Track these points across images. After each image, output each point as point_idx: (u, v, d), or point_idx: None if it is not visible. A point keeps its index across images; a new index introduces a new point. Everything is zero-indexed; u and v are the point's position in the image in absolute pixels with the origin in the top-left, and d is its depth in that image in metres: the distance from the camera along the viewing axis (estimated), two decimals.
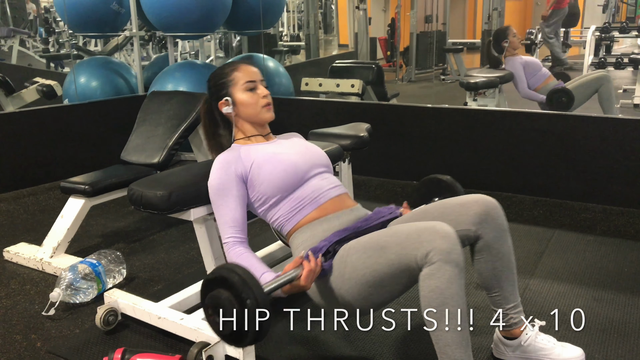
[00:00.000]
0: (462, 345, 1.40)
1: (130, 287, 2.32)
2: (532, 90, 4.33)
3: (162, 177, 1.96)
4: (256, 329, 1.34)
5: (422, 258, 1.38)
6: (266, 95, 1.82)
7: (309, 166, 1.76)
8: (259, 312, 1.33)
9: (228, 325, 1.37)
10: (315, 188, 1.73)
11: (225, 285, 1.37)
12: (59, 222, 2.58)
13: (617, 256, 2.52)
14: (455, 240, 1.39)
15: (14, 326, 2.04)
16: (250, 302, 1.32)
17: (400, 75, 8.75)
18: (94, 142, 3.97)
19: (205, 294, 1.43)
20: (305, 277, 1.50)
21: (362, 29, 7.75)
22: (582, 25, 8.72)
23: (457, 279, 1.37)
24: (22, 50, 8.38)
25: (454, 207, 1.63)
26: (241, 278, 1.34)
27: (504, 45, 4.47)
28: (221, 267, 1.41)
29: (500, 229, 1.62)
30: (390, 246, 1.45)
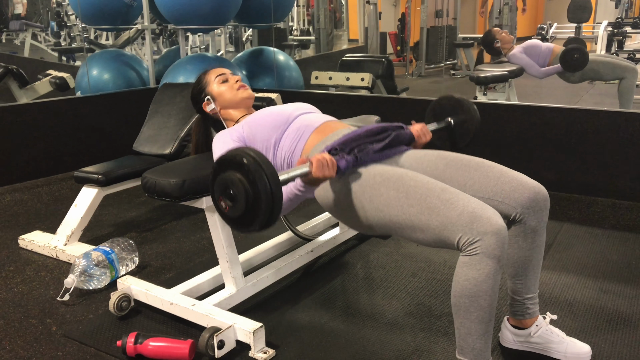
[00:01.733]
0: (484, 337, 1.41)
1: (142, 275, 2.36)
2: (546, 68, 4.36)
3: (175, 166, 2.00)
4: (268, 209, 1.29)
5: (466, 244, 1.36)
6: (238, 79, 2.01)
7: (293, 109, 1.86)
8: (272, 192, 1.28)
9: (238, 207, 1.33)
10: (305, 118, 1.81)
11: (238, 167, 1.32)
12: (73, 210, 2.62)
13: (625, 249, 2.52)
14: (505, 238, 1.36)
15: (30, 311, 2.09)
16: (262, 183, 1.28)
17: (410, 70, 8.74)
18: (106, 133, 4.02)
19: (216, 175, 1.38)
20: (316, 166, 1.47)
21: (372, 24, 7.75)
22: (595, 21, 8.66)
23: (495, 275, 1.37)
24: (35, 43, 8.45)
25: (511, 181, 1.57)
26: (255, 160, 1.30)
27: (497, 47, 4.52)
28: (234, 150, 1.36)
29: (542, 220, 1.61)
30: (438, 212, 1.39)
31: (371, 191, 1.52)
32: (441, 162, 1.68)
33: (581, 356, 1.67)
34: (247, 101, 2.02)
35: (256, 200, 1.29)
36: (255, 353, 1.76)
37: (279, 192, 1.30)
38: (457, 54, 8.37)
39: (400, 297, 2.13)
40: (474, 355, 1.42)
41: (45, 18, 9.57)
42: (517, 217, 1.58)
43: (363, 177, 1.55)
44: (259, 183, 1.28)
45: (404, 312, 2.02)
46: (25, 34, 8.29)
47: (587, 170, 3.19)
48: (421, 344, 1.82)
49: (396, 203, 1.46)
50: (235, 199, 1.33)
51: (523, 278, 1.66)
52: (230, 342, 1.76)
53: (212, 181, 1.39)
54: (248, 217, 1.33)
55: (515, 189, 1.57)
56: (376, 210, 1.50)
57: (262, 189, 1.28)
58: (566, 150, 3.22)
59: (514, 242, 1.63)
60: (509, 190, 1.57)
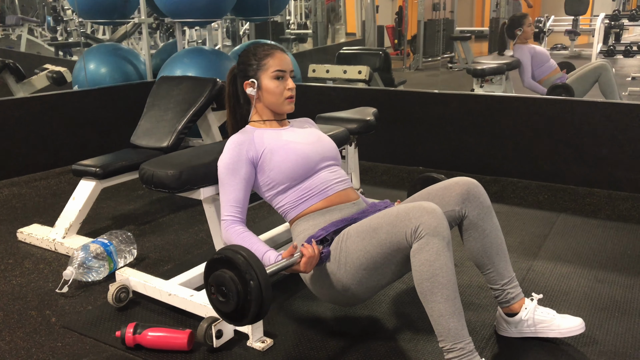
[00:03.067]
0: (455, 315, 1.46)
1: (140, 267, 2.37)
2: (535, 82, 4.34)
3: (173, 157, 2.01)
4: (257, 309, 1.41)
5: (412, 234, 1.47)
6: (292, 88, 1.81)
7: (319, 158, 1.80)
8: (262, 293, 1.39)
9: (230, 304, 1.44)
10: (323, 180, 1.77)
11: (229, 265, 1.43)
12: (71, 203, 2.63)
13: (620, 239, 2.54)
14: (442, 216, 1.48)
15: (29, 302, 2.10)
16: (253, 282, 1.39)
17: (408, 63, 8.74)
18: (103, 127, 4.02)
19: (209, 273, 1.49)
20: (305, 262, 1.58)
21: (369, 17, 7.75)
22: (592, 13, 8.65)
23: (444, 251, 1.46)
24: (31, 38, 8.42)
25: (438, 190, 1.73)
26: (245, 259, 1.41)
27: (517, 33, 4.46)
28: (226, 248, 1.46)
29: (483, 206, 1.69)
30: (381, 227, 1.54)
31: (339, 254, 1.62)
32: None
33: (574, 329, 1.70)
34: (286, 114, 1.89)
35: (247, 303, 1.42)
36: (254, 342, 1.77)
37: (268, 294, 1.41)
38: (455, 47, 8.37)
39: (397, 286, 2.14)
40: (451, 337, 1.46)
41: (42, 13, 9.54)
42: (460, 214, 1.69)
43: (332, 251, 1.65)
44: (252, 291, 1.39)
45: (401, 301, 2.03)
46: (21, 28, 8.25)
47: (583, 162, 3.20)
48: (418, 332, 1.83)
49: (355, 248, 1.59)
50: (228, 296, 1.44)
51: (491, 266, 1.72)
52: (228, 332, 1.77)
53: (205, 277, 1.51)
54: (239, 313, 1.45)
55: (443, 196, 1.71)
56: (344, 267, 1.61)
57: (253, 290, 1.39)
58: (562, 142, 3.24)
59: (467, 237, 1.72)
60: (440, 200, 1.71)
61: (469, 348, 1.47)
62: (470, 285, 2.13)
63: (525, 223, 2.76)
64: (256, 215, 2.96)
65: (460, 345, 1.46)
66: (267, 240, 2.41)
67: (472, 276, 2.19)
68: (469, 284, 2.14)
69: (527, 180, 3.34)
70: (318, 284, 1.70)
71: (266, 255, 1.63)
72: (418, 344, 1.77)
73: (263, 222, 2.85)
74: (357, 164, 2.79)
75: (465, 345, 1.46)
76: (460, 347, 1.46)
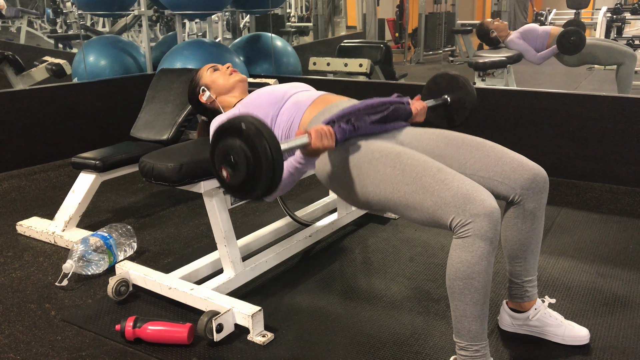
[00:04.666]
0: (479, 319, 1.41)
1: (140, 260, 2.36)
2: (542, 52, 4.34)
3: (173, 150, 1.99)
4: (270, 173, 1.29)
5: (459, 226, 1.36)
6: (228, 66, 2.03)
7: (288, 87, 1.88)
8: (272, 155, 1.28)
9: (239, 173, 1.34)
10: (301, 95, 1.82)
11: (237, 133, 1.32)
12: (71, 196, 2.62)
13: (623, 234, 2.53)
14: (498, 220, 1.36)
15: (29, 296, 2.09)
16: (262, 148, 1.28)
17: (409, 56, 8.71)
18: (103, 119, 4.00)
19: (216, 144, 1.39)
20: (315, 136, 1.47)
21: (370, 10, 7.71)
22: (594, 7, 8.61)
23: (488, 257, 1.37)
24: (30, 31, 8.39)
25: (511, 162, 1.58)
26: (254, 125, 1.30)
27: (494, 37, 4.50)
28: (235, 117, 1.36)
29: (541, 203, 1.61)
30: (432, 192, 1.40)
31: (368, 167, 1.52)
32: (442, 140, 1.68)
33: (579, 339, 1.68)
34: (241, 84, 2.02)
35: (257, 165, 1.29)
36: (254, 336, 1.77)
37: (279, 157, 1.30)
38: (456, 40, 8.33)
39: (398, 281, 2.14)
40: (470, 338, 1.43)
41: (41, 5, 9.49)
42: (516, 198, 1.58)
43: (362, 152, 1.56)
44: (259, 147, 1.28)
45: (402, 296, 2.03)
46: (20, 20, 8.22)
47: (586, 156, 3.19)
48: (419, 328, 1.83)
49: (392, 180, 1.47)
50: (236, 165, 1.33)
51: (522, 261, 1.66)
52: (229, 326, 1.76)
53: (212, 149, 1.40)
54: (250, 183, 1.33)
55: (515, 170, 1.57)
56: (372, 185, 1.51)
57: (262, 152, 1.28)
58: (564, 136, 3.22)
59: (513, 225, 1.63)
60: (509, 171, 1.57)
61: (483, 351, 1.44)
62: None
63: None
64: (256, 209, 2.95)
65: (476, 347, 1.43)
66: (268, 234, 2.40)
67: None
68: None
69: None
70: (338, 181, 1.61)
71: None
72: (419, 340, 1.76)
73: (263, 216, 2.84)
74: None
75: (480, 348, 1.43)
76: (475, 349, 1.43)
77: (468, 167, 1.61)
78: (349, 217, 2.59)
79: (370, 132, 1.64)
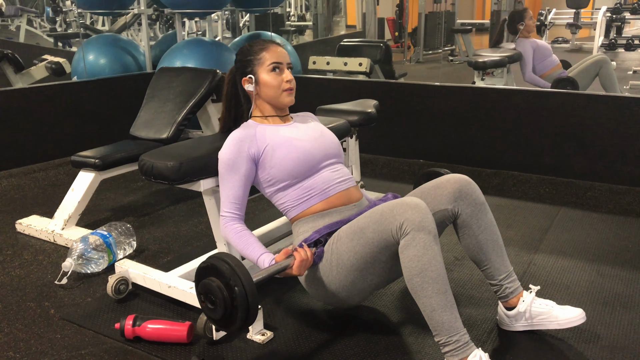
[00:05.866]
0: (447, 308, 1.46)
1: (140, 259, 2.36)
2: (537, 77, 4.31)
3: (172, 149, 1.99)
4: (244, 314, 1.42)
5: (397, 230, 1.46)
6: (290, 80, 1.79)
7: (322, 156, 1.77)
8: (247, 300, 1.40)
9: (218, 311, 1.46)
10: (325, 179, 1.75)
11: (216, 273, 1.45)
12: (70, 195, 2.62)
13: (622, 233, 2.53)
14: (426, 210, 1.47)
15: (28, 294, 2.09)
16: (238, 289, 1.40)
17: (408, 56, 8.70)
18: (103, 118, 3.99)
19: (198, 281, 1.51)
20: (297, 266, 1.58)
21: (370, 9, 7.70)
22: (593, 6, 8.61)
23: (432, 245, 1.45)
24: (30, 29, 8.38)
25: (430, 189, 1.72)
26: (230, 267, 1.42)
27: (519, 28, 4.43)
28: (213, 257, 1.48)
29: (476, 203, 1.68)
30: (368, 226, 1.54)
31: (331, 256, 1.63)
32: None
33: (574, 319, 1.68)
34: (286, 107, 1.85)
35: (234, 310, 1.43)
36: (253, 335, 1.77)
37: (254, 301, 1.43)
38: (456, 39, 8.33)
39: (397, 280, 2.13)
40: (445, 330, 1.46)
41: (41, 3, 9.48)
42: (453, 212, 1.69)
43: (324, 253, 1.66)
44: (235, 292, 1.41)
45: (401, 294, 2.03)
46: (20, 19, 8.21)
47: (585, 155, 3.19)
48: (418, 324, 1.83)
49: (346, 249, 1.59)
50: (215, 304, 1.46)
51: (487, 262, 1.71)
52: None
53: (195, 284, 1.53)
54: (227, 320, 1.46)
55: (434, 195, 1.71)
56: (337, 268, 1.62)
57: (239, 296, 1.41)
58: (564, 135, 3.22)
59: (462, 234, 1.72)
60: (431, 199, 1.70)
61: (464, 340, 1.46)
62: (471, 279, 2.13)
63: (526, 217, 2.75)
64: (256, 207, 2.95)
65: (455, 338, 1.45)
66: (266, 233, 2.40)
67: (472, 270, 2.18)
68: (469, 279, 2.13)
69: (528, 173, 3.32)
70: (313, 285, 1.71)
71: (260, 258, 1.64)
72: (418, 338, 1.77)
73: (262, 214, 2.84)
74: (358, 157, 2.77)
75: (460, 338, 1.46)
76: (455, 339, 1.45)
77: None
78: None
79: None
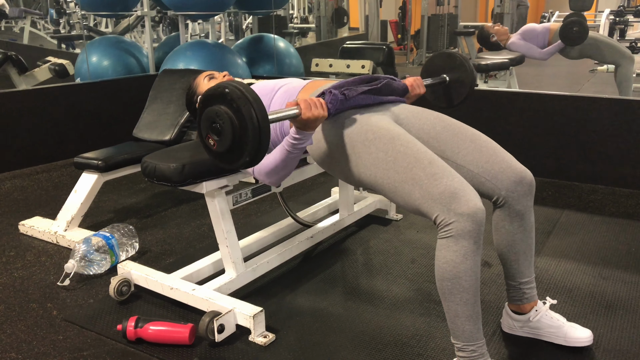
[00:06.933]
0: (472, 318, 1.41)
1: (142, 260, 2.37)
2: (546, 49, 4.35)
3: (175, 150, 2.00)
4: (256, 136, 1.28)
5: (442, 223, 1.38)
6: (225, 74, 2.02)
7: (278, 80, 1.88)
8: (257, 121, 1.27)
9: (225, 139, 1.32)
10: (291, 84, 1.82)
11: (222, 98, 1.32)
12: (73, 196, 2.62)
13: (625, 236, 2.53)
14: (482, 220, 1.37)
15: (31, 295, 2.09)
16: (246, 109, 1.27)
17: (411, 58, 8.71)
18: (106, 120, 4.00)
19: (202, 111, 1.38)
20: (304, 106, 1.47)
21: (372, 12, 7.70)
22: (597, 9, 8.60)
23: (472, 255, 1.37)
24: (34, 31, 8.41)
25: (501, 162, 1.59)
26: (241, 92, 1.29)
27: (494, 41, 4.52)
28: (220, 83, 1.36)
29: (528, 206, 1.62)
30: (420, 185, 1.41)
31: (361, 147, 1.53)
32: (439, 123, 1.69)
33: (581, 340, 1.67)
34: None
35: (242, 129, 1.28)
36: (255, 337, 1.77)
37: (265, 121, 1.29)
38: (458, 42, 8.33)
39: (399, 282, 2.14)
40: (465, 338, 1.43)
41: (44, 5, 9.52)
42: (500, 200, 1.60)
43: (356, 129, 1.56)
44: (243, 111, 1.27)
45: (403, 298, 2.02)
46: (24, 21, 8.24)
47: (588, 158, 3.18)
48: (420, 329, 1.82)
49: (383, 165, 1.48)
50: (222, 131, 1.32)
51: (514, 263, 1.66)
52: (230, 326, 1.76)
53: (198, 118, 1.39)
54: (236, 148, 1.31)
55: (503, 171, 1.58)
56: (364, 167, 1.52)
57: (247, 116, 1.26)
58: (567, 138, 3.22)
59: (501, 227, 1.64)
60: (497, 171, 1.59)
61: (481, 351, 1.43)
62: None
63: None
64: (258, 209, 2.95)
65: (472, 348, 1.43)
66: (270, 235, 2.40)
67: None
68: None
69: None
70: (331, 159, 1.61)
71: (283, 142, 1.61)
72: (421, 340, 1.76)
73: (264, 217, 2.84)
74: None
75: (477, 348, 1.43)
76: (472, 349, 1.43)
77: (460, 157, 1.63)
78: (350, 218, 2.59)
79: (364, 103, 1.64)
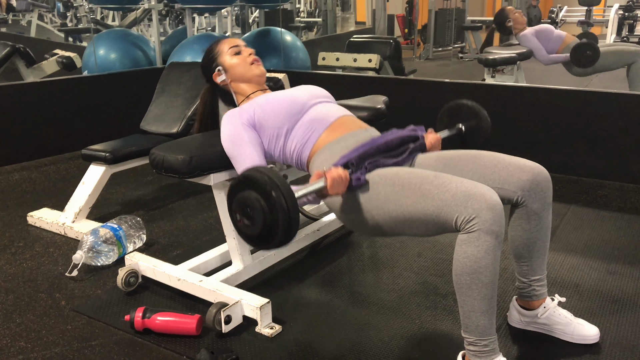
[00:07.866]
0: (487, 313, 1.40)
1: (149, 252, 2.38)
2: (553, 55, 4.33)
3: (183, 142, 2.00)
4: (285, 222, 1.31)
5: (464, 223, 1.36)
6: (252, 52, 1.97)
7: (308, 96, 1.84)
8: (287, 203, 1.30)
9: (257, 224, 1.35)
10: (320, 111, 1.79)
11: (253, 186, 1.35)
12: (81, 188, 2.64)
13: (632, 231, 2.52)
14: (501, 213, 1.36)
15: (39, 285, 2.11)
16: (275, 194, 1.30)
17: (418, 53, 8.68)
18: (113, 112, 4.02)
19: (232, 197, 1.41)
20: (331, 185, 1.49)
21: (379, 6, 7.67)
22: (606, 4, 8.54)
23: (494, 251, 1.36)
24: (41, 24, 8.43)
25: (508, 166, 1.59)
26: (269, 177, 1.32)
27: (509, 26, 4.48)
28: (248, 170, 1.40)
29: (546, 202, 1.59)
30: (432, 197, 1.41)
31: (370, 191, 1.54)
32: (440, 161, 1.70)
33: (589, 338, 1.67)
34: (259, 78, 1.97)
35: (274, 221, 1.33)
36: (262, 328, 1.78)
37: (295, 207, 1.33)
38: (466, 36, 8.30)
39: (405, 276, 2.14)
40: (478, 333, 1.42)
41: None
42: (519, 200, 1.58)
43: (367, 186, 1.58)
44: (274, 199, 1.31)
45: (410, 291, 2.03)
46: (31, 14, 8.26)
47: (595, 153, 3.17)
48: (426, 322, 1.83)
49: (393, 197, 1.48)
50: (253, 217, 1.36)
51: (528, 260, 1.65)
52: (237, 318, 1.77)
53: (229, 201, 1.43)
54: (267, 234, 1.36)
55: (512, 174, 1.57)
56: (376, 208, 1.52)
57: (277, 204, 1.30)
58: (574, 133, 3.21)
59: (517, 225, 1.62)
60: (506, 176, 1.57)
61: (492, 346, 1.43)
62: None
63: None
64: None
65: (484, 342, 1.42)
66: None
67: None
68: None
69: None
70: (346, 212, 1.62)
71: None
72: (427, 334, 1.77)
73: None
74: None
75: (489, 343, 1.42)
76: (484, 343, 1.42)
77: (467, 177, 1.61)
78: None
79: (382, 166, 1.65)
